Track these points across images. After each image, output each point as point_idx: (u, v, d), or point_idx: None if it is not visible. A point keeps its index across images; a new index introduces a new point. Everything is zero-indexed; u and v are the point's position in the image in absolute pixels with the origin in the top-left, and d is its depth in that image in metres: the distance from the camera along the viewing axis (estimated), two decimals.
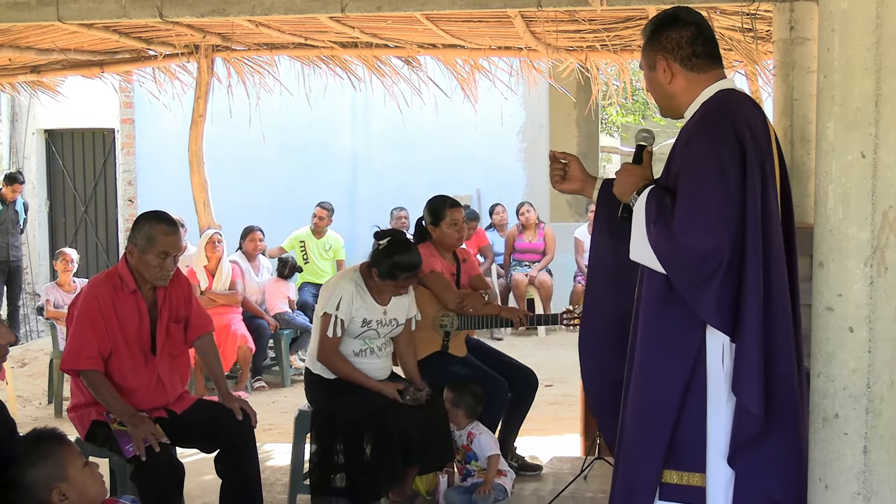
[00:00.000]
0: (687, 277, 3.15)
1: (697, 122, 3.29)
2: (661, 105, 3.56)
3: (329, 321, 5.18)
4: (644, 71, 3.54)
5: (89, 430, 4.73)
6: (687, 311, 3.22)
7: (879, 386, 2.85)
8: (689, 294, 3.16)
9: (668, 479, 3.31)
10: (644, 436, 3.32)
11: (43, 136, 15.95)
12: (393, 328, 5.38)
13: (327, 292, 5.27)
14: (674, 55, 3.39)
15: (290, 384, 9.64)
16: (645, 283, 3.37)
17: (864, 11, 2.76)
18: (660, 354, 3.29)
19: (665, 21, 3.45)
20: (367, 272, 5.31)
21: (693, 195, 3.13)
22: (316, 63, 9.56)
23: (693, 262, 3.11)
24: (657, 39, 3.42)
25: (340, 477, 5.16)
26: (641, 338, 3.36)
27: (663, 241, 3.16)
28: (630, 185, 3.40)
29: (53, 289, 9.27)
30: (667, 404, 3.26)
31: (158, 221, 4.78)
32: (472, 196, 14.20)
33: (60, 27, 7.20)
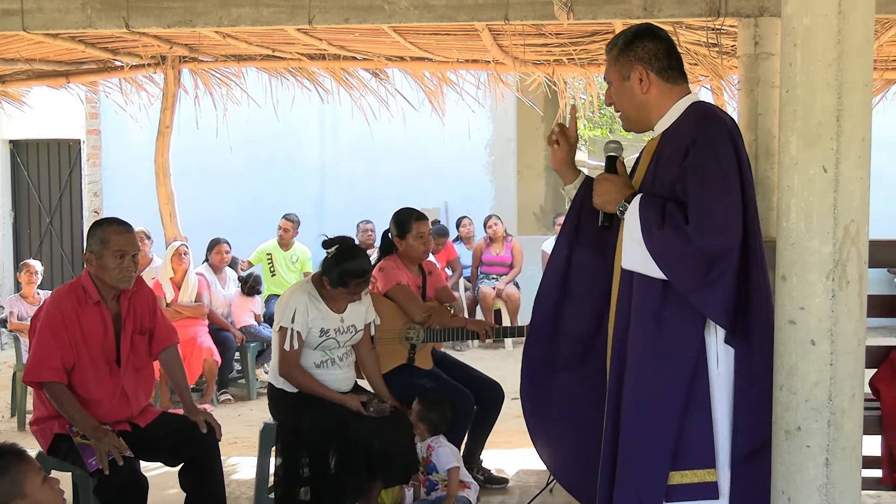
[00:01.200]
0: (694, 279, 3.22)
1: (695, 130, 3.33)
2: (631, 116, 3.60)
3: (286, 335, 5.16)
4: (613, 82, 3.57)
5: (52, 444, 4.68)
6: (685, 316, 3.30)
7: (841, 398, 2.87)
8: (697, 295, 3.24)
9: (676, 481, 3.35)
10: (649, 442, 3.35)
11: (8, 147, 15.82)
12: (352, 335, 5.36)
13: (281, 306, 5.25)
14: (651, 65, 3.48)
15: (255, 397, 9.59)
16: (636, 295, 3.42)
17: (825, 27, 2.79)
18: (660, 362, 3.34)
19: (640, 33, 3.52)
20: (320, 281, 5.30)
21: (704, 199, 3.21)
22: (283, 75, 9.54)
23: (705, 263, 3.19)
24: (632, 50, 3.49)
25: (305, 490, 5.13)
26: (638, 347, 3.40)
27: (675, 245, 3.21)
28: (615, 193, 3.47)
29: (17, 301, 9.19)
30: (670, 409, 3.32)
31: (110, 223, 4.79)
32: (439, 209, 14.21)
33: (25, 37, 7.15)
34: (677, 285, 3.26)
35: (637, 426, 3.38)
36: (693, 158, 3.27)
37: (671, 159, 3.37)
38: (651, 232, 3.26)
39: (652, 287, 3.33)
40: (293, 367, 5.19)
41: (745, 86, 5.65)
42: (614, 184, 3.50)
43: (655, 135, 3.56)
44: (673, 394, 3.32)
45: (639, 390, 3.38)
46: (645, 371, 3.36)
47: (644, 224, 3.29)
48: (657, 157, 3.47)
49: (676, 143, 3.37)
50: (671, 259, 3.24)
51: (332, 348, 5.29)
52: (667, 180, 3.36)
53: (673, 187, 3.32)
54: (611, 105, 3.66)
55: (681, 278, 3.24)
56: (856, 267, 2.85)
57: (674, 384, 3.32)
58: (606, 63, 3.60)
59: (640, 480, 3.37)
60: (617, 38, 3.56)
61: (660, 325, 3.34)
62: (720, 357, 3.33)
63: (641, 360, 3.38)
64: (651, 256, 3.27)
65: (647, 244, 3.28)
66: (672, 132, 3.45)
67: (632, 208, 3.36)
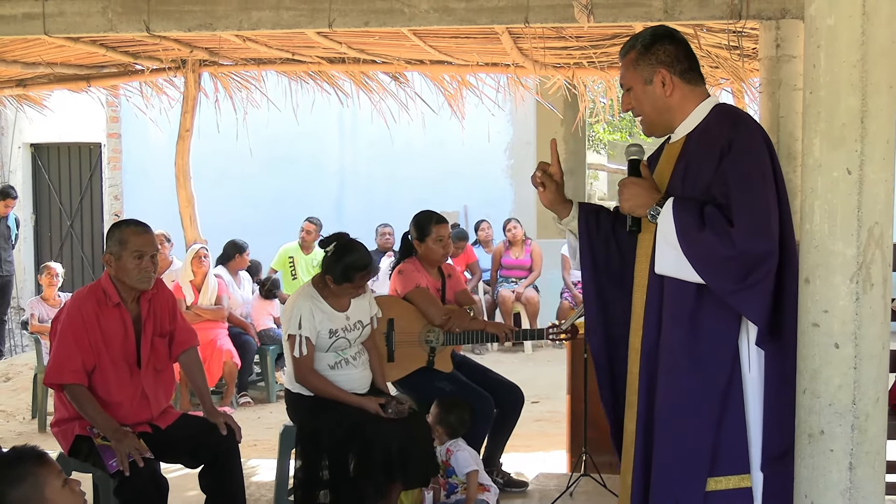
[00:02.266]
0: (734, 282, 3.20)
1: (730, 132, 3.31)
2: (653, 120, 3.58)
3: (294, 342, 5.15)
4: (634, 87, 3.53)
5: (73, 445, 4.70)
6: (721, 319, 3.30)
7: (865, 402, 2.85)
8: (737, 298, 3.22)
9: (714, 487, 3.34)
10: (687, 448, 3.34)
11: (29, 150, 15.92)
12: (360, 331, 5.35)
13: (287, 314, 5.24)
14: (673, 68, 3.46)
15: (275, 400, 9.60)
16: (668, 301, 3.40)
17: (849, 28, 2.77)
18: (697, 367, 3.33)
19: (660, 36, 3.49)
20: (321, 282, 5.29)
21: (746, 202, 3.20)
22: (303, 78, 9.55)
23: (748, 266, 3.18)
24: (653, 53, 3.46)
25: (325, 493, 5.13)
26: (673, 353, 3.38)
27: (716, 248, 3.19)
28: (644, 197, 3.43)
29: (38, 303, 9.23)
30: (709, 414, 3.31)
31: (128, 224, 4.81)
32: (458, 212, 14.21)
33: (47, 41, 7.17)
34: (716, 288, 3.24)
35: (675, 433, 3.36)
36: (732, 161, 3.26)
37: (703, 162, 3.35)
38: (689, 235, 3.24)
39: (686, 291, 3.32)
40: (308, 373, 5.18)
41: (766, 88, 5.62)
42: (642, 188, 3.46)
43: (677, 137, 3.54)
44: (711, 398, 3.31)
45: (676, 396, 3.37)
46: (682, 376, 3.35)
47: (680, 227, 3.26)
48: (685, 160, 3.45)
49: (708, 145, 3.35)
50: (711, 262, 3.22)
51: (344, 348, 5.27)
52: (700, 183, 3.34)
53: (708, 190, 3.30)
54: (628, 111, 3.64)
55: (720, 281, 3.22)
56: (880, 270, 2.83)
57: (712, 388, 3.31)
58: (623, 67, 3.56)
59: (679, 488, 3.35)
60: (634, 42, 3.53)
61: (696, 329, 3.33)
62: (752, 360, 3.32)
63: (678, 365, 3.36)
64: (688, 260, 3.25)
65: (685, 247, 3.25)
66: (699, 134, 3.44)
67: (665, 212, 3.32)
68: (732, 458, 3.33)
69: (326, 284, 5.25)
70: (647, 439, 3.49)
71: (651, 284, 3.49)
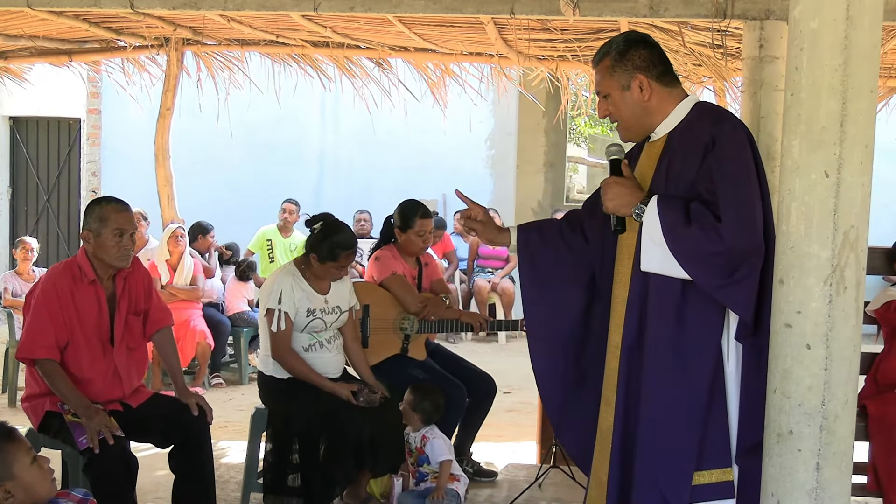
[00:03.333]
0: (721, 277, 3.23)
1: (713, 129, 3.33)
2: (630, 126, 3.59)
3: (273, 316, 5.16)
4: (612, 94, 3.54)
5: (42, 421, 4.68)
6: (707, 315, 3.33)
7: (834, 404, 2.87)
8: (724, 292, 3.25)
9: (697, 481, 3.37)
10: (674, 444, 3.37)
11: (7, 123, 15.80)
12: (337, 316, 5.36)
13: (267, 290, 5.26)
14: (649, 73, 3.47)
15: (247, 382, 9.58)
16: (653, 298, 3.42)
17: (833, 32, 2.79)
18: (684, 362, 3.35)
19: (633, 42, 3.51)
20: (304, 262, 5.31)
21: (734, 197, 3.21)
22: (286, 61, 9.53)
23: (735, 261, 3.20)
24: (629, 59, 3.47)
25: (294, 477, 5.14)
26: (658, 349, 3.40)
27: (703, 244, 3.21)
28: (627, 196, 3.43)
29: (12, 277, 9.19)
30: (695, 410, 3.34)
31: (108, 202, 4.79)
32: (437, 201, 14.20)
33: (29, 13, 7.13)
34: (702, 283, 3.26)
35: (662, 428, 3.38)
36: (717, 158, 3.27)
37: (687, 159, 3.36)
38: (675, 232, 3.25)
39: (672, 288, 3.34)
40: (285, 351, 5.19)
41: (748, 88, 5.65)
42: (625, 187, 3.46)
43: (658, 136, 3.55)
44: (699, 393, 3.34)
45: (663, 392, 3.38)
46: (669, 373, 3.37)
47: (666, 225, 3.28)
48: (668, 158, 3.46)
49: (691, 142, 3.37)
50: (698, 258, 3.23)
51: (320, 330, 5.28)
52: (684, 180, 3.36)
53: (692, 187, 3.32)
54: (605, 117, 3.63)
55: (707, 276, 3.24)
56: (854, 273, 2.85)
57: (699, 384, 3.34)
58: (598, 74, 3.57)
59: (666, 483, 3.38)
60: (608, 49, 3.53)
61: (682, 325, 3.35)
62: (731, 354, 3.36)
63: (664, 361, 3.38)
64: (674, 256, 3.26)
65: (671, 244, 3.26)
66: (681, 132, 3.45)
67: (650, 210, 3.33)
68: (716, 451, 3.37)
69: (309, 265, 5.26)
70: (625, 435, 3.51)
71: (634, 281, 3.50)
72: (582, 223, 3.93)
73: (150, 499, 5.51)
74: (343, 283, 5.43)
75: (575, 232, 3.91)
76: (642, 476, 3.43)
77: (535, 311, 3.94)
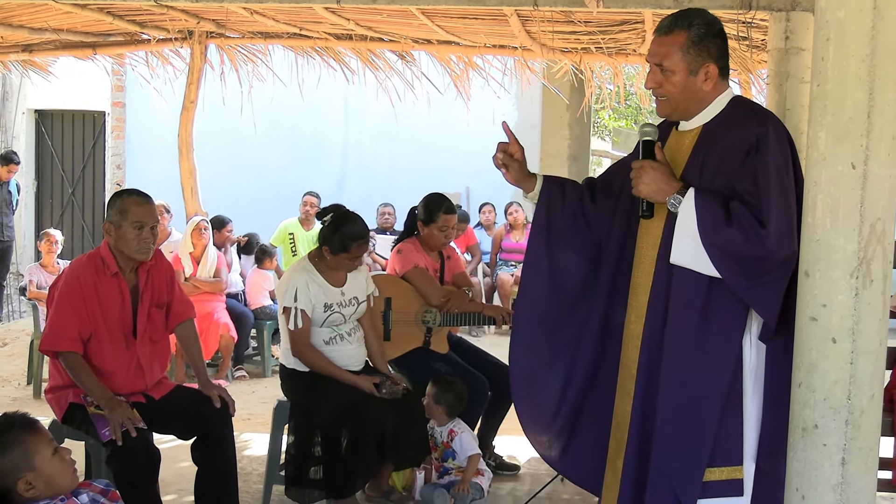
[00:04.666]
0: (751, 279, 3.20)
1: (757, 129, 3.28)
2: (678, 106, 3.51)
3: (290, 314, 5.15)
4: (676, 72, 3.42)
5: (66, 413, 4.69)
6: (731, 312, 3.30)
7: (860, 398, 2.85)
8: (752, 293, 3.22)
9: (710, 477, 3.36)
10: (690, 438, 3.35)
11: (33, 116, 15.89)
12: (356, 307, 5.35)
13: (282, 288, 5.24)
14: (718, 64, 3.42)
15: (270, 375, 9.59)
16: (677, 290, 3.38)
17: (859, 22, 2.76)
18: (705, 358, 3.32)
19: (713, 29, 3.43)
20: (317, 256, 5.30)
21: (777, 203, 3.17)
22: (310, 54, 9.53)
23: (770, 265, 3.17)
24: (706, 47, 3.39)
25: (316, 470, 5.13)
26: (676, 346, 3.38)
27: (742, 246, 3.17)
28: (664, 183, 3.37)
29: (37, 269, 9.22)
30: (712, 409, 3.32)
31: (129, 194, 4.78)
32: (461, 194, 14.19)
33: (54, 7, 7.15)
34: (732, 283, 3.23)
35: (679, 422, 3.37)
36: (763, 161, 3.22)
37: (727, 156, 3.31)
38: (714, 229, 3.21)
39: (698, 283, 3.30)
40: (305, 347, 5.18)
41: (774, 80, 5.60)
42: (661, 173, 3.38)
43: (691, 126, 3.51)
44: (717, 390, 3.31)
45: (682, 386, 3.36)
46: (689, 367, 3.35)
47: (703, 220, 3.23)
48: (703, 151, 3.41)
49: (732, 139, 3.32)
50: (733, 258, 3.20)
51: (339, 324, 5.27)
52: (721, 177, 3.31)
53: (729, 185, 3.27)
54: (652, 88, 3.53)
55: (737, 277, 3.21)
56: (880, 266, 2.83)
57: (718, 380, 3.32)
58: (665, 45, 3.43)
59: (678, 477, 3.37)
60: (685, 23, 3.41)
61: (706, 321, 3.32)
62: (753, 354, 3.33)
63: (685, 356, 3.35)
64: (707, 253, 3.22)
65: (706, 240, 3.22)
66: (718, 126, 3.41)
67: (686, 202, 3.28)
68: (729, 449, 3.35)
69: (323, 258, 5.25)
70: (643, 425, 3.49)
71: (658, 271, 3.47)
72: (598, 193, 3.89)
73: (172, 491, 5.52)
74: (359, 272, 5.41)
75: (594, 203, 3.86)
76: (656, 468, 3.42)
77: (539, 264, 3.92)
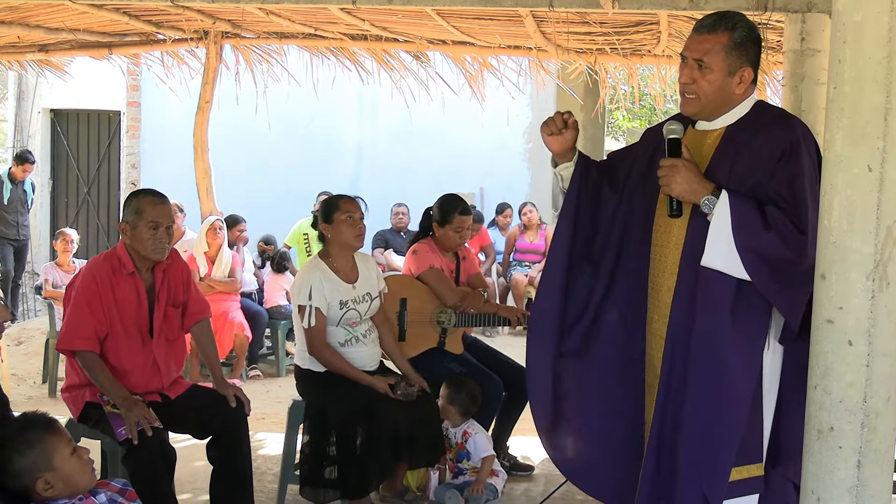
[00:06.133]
0: (782, 283, 3.23)
1: (789, 135, 3.29)
2: (707, 105, 3.48)
3: (304, 312, 5.16)
4: (714, 70, 3.40)
5: (82, 412, 4.71)
6: (757, 312, 3.32)
7: (876, 400, 2.84)
8: (780, 296, 3.25)
9: (735, 477, 3.38)
10: (718, 443, 3.35)
11: (48, 116, 15.95)
12: (369, 303, 5.36)
13: (297, 287, 5.26)
14: (754, 69, 3.43)
15: (285, 374, 9.62)
16: (704, 290, 3.37)
17: (877, 24, 2.76)
18: (734, 358, 3.33)
19: (753, 33, 3.42)
20: (326, 253, 5.34)
21: (812, 207, 3.17)
22: (324, 54, 9.55)
23: (802, 270, 3.17)
24: (745, 50, 3.39)
25: (331, 470, 5.15)
26: (703, 348, 3.38)
27: (780, 252, 3.19)
28: (696, 184, 3.34)
29: (52, 268, 9.26)
30: (738, 409, 3.33)
31: (145, 194, 4.80)
32: (475, 194, 14.20)
33: (70, 7, 7.18)
34: (762, 286, 3.24)
35: (708, 423, 3.37)
36: (799, 166, 3.25)
37: (758, 160, 3.32)
38: (752, 233, 3.22)
39: (726, 284, 3.31)
40: (321, 346, 5.19)
41: (789, 82, 5.59)
42: (693, 173, 3.36)
43: (714, 127, 3.51)
44: (745, 392, 3.32)
45: (710, 388, 3.37)
46: (717, 369, 3.35)
47: (740, 224, 3.23)
48: (732, 154, 3.40)
49: (763, 144, 3.33)
50: (768, 263, 3.22)
51: (355, 324, 5.28)
52: (750, 180, 3.32)
53: (760, 189, 3.28)
54: (685, 84, 3.49)
55: (768, 281, 3.23)
56: None
57: (746, 382, 3.33)
58: (706, 44, 3.40)
59: (707, 476, 3.38)
60: (729, 24, 3.39)
61: (734, 323, 3.32)
62: (772, 356, 3.36)
63: (713, 357, 3.36)
64: (740, 256, 3.23)
65: (741, 244, 3.23)
66: (743, 129, 3.42)
67: (722, 205, 3.28)
68: (751, 448, 3.38)
69: (329, 253, 5.30)
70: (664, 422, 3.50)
71: (683, 272, 3.46)
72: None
73: (188, 489, 5.54)
74: (370, 268, 5.44)
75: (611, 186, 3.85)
76: (686, 469, 3.42)
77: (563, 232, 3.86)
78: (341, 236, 5.26)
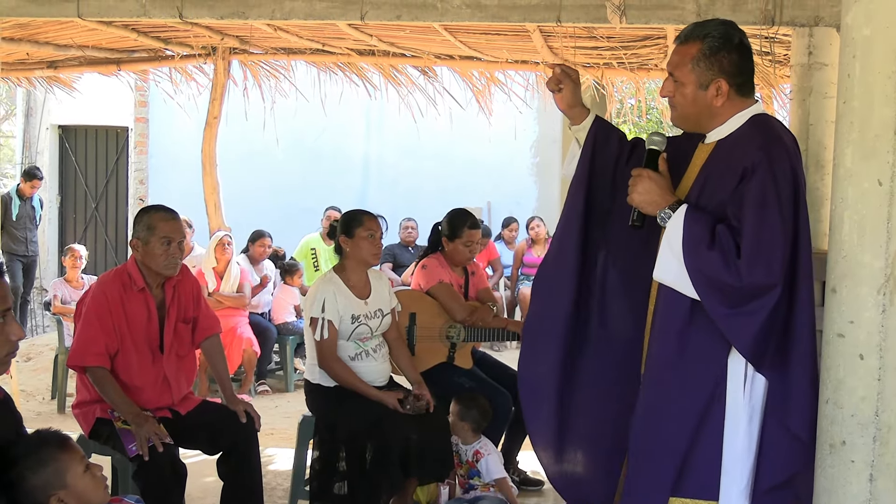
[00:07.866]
0: (729, 308, 3.10)
1: (756, 153, 3.13)
2: (689, 118, 3.40)
3: (316, 325, 5.17)
4: (686, 85, 3.31)
5: (93, 428, 4.73)
6: (710, 339, 3.19)
7: (888, 414, 2.84)
8: (728, 322, 3.11)
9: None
10: (654, 463, 3.28)
11: (57, 132, 16.00)
12: (381, 319, 5.37)
13: (310, 299, 5.28)
14: (732, 80, 3.28)
15: (293, 389, 9.62)
16: (661, 310, 3.32)
17: (886, 39, 2.76)
18: (679, 384, 3.24)
19: (729, 42, 3.27)
20: (341, 268, 5.35)
21: (758, 232, 3.06)
22: (332, 69, 9.57)
23: (747, 296, 3.07)
24: (717, 60, 3.25)
25: (340, 485, 5.14)
26: (657, 366, 3.32)
27: (721, 272, 3.06)
28: (656, 195, 3.26)
29: (61, 284, 9.28)
30: (680, 433, 3.23)
31: (157, 210, 4.84)
32: (482, 208, 14.20)
33: (79, 23, 7.21)
34: (710, 309, 3.12)
35: (646, 443, 3.32)
36: (752, 187, 3.09)
37: (724, 178, 3.20)
38: (697, 251, 3.11)
39: (678, 306, 3.22)
40: (331, 359, 5.19)
41: (797, 95, 5.59)
42: (657, 184, 3.27)
43: (709, 141, 3.39)
44: (686, 417, 3.22)
45: (652, 408, 3.31)
46: (661, 391, 3.29)
47: (689, 240, 3.13)
48: (708, 169, 3.31)
49: (733, 160, 3.19)
50: (711, 283, 3.09)
51: (366, 339, 5.29)
52: (716, 198, 3.21)
53: (722, 208, 3.17)
54: (666, 97, 3.44)
55: (715, 303, 3.10)
56: None
57: (689, 408, 3.22)
58: (678, 55, 3.33)
59: (642, 499, 3.32)
60: (699, 35, 3.28)
61: (682, 345, 3.23)
62: (750, 385, 3.19)
63: (659, 378, 3.30)
64: (688, 275, 3.12)
65: (688, 261, 3.12)
66: (729, 144, 3.28)
67: (675, 219, 3.19)
68: (701, 481, 3.23)
69: (345, 268, 5.31)
70: None
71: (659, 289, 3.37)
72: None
73: None
74: (382, 285, 5.45)
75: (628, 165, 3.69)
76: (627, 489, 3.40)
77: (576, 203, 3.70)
78: (360, 252, 5.27)
